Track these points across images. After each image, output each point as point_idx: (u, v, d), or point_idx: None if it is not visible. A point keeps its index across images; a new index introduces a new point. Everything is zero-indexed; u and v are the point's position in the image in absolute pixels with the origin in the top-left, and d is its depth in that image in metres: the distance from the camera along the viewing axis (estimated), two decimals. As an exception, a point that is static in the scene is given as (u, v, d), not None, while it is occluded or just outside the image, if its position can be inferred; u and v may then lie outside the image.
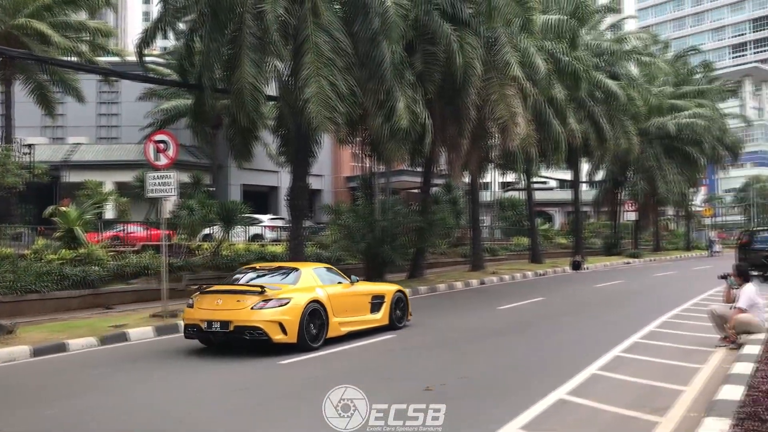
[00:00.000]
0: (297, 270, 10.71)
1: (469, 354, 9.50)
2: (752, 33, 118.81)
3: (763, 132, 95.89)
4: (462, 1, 19.09)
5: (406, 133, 16.63)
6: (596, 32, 33.65)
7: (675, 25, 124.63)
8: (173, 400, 7.10)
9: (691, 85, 46.11)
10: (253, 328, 9.34)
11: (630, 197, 43.74)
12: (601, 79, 29.18)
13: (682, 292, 17.89)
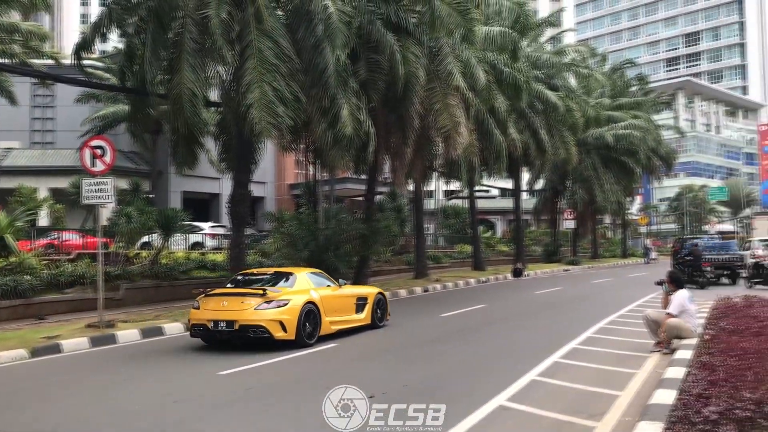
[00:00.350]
0: (293, 274, 11.77)
1: (411, 361, 9.52)
2: (685, 48, 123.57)
3: (695, 143, 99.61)
4: (405, 10, 19.25)
5: (350, 140, 16.61)
6: (536, 45, 34.40)
7: (612, 38, 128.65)
8: (104, 411, 6.88)
9: (628, 97, 47.61)
10: (257, 327, 10.31)
11: (569, 206, 44.78)
12: (541, 90, 29.85)
13: (619, 299, 18.36)
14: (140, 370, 9.36)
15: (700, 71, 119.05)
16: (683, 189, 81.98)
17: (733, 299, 11.94)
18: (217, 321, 10.51)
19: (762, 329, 8.62)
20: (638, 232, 65.66)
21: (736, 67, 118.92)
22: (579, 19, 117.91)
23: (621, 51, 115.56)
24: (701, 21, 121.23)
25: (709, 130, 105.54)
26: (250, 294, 10.81)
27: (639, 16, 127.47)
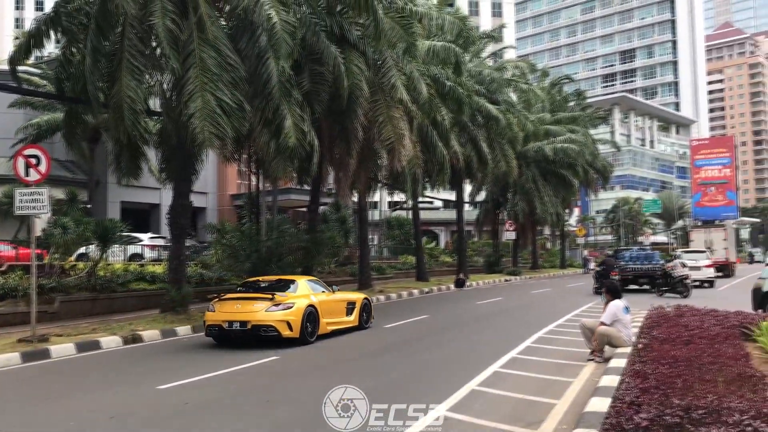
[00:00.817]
0: (295, 281, 13.55)
1: (351, 374, 9.52)
2: (620, 65, 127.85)
3: (630, 157, 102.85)
4: (349, 23, 19.35)
5: (294, 151, 16.54)
6: (478, 60, 35.04)
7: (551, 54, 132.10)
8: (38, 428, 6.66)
9: (566, 112, 48.93)
10: (267, 326, 11.95)
11: (510, 217, 45.59)
12: (482, 104, 30.40)
13: (557, 309, 18.78)
14: (74, 386, 9.09)
15: (636, 87, 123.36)
16: (619, 201, 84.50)
17: (666, 309, 12.34)
18: (232, 322, 12.07)
19: (692, 338, 8.95)
20: (576, 244, 67.35)
21: (669, 84, 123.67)
22: (519, 35, 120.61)
23: (560, 67, 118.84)
24: (636, 39, 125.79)
25: (643, 145, 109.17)
26: (260, 298, 12.46)
27: (577, 33, 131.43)
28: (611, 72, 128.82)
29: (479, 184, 41.81)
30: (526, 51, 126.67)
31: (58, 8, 16.29)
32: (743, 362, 7.23)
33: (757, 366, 7.29)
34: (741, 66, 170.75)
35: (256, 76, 16.03)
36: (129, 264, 22.21)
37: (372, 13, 16.92)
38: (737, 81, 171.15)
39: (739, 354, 7.76)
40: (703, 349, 8.03)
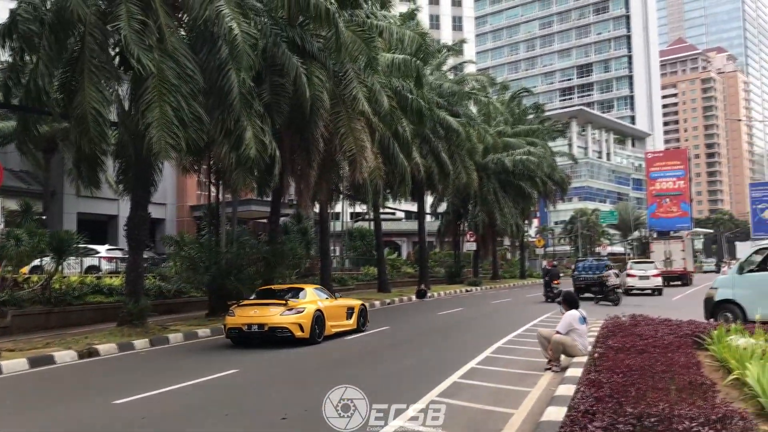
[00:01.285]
0: (303, 289, 15.42)
1: (312, 387, 9.48)
2: (578, 78, 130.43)
3: (588, 169, 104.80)
4: (311, 35, 19.40)
5: (254, 162, 16.48)
6: (439, 73, 35.38)
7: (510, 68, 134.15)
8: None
9: (525, 125, 49.69)
10: (282, 328, 13.74)
11: (471, 228, 45.95)
12: (443, 116, 30.69)
13: (517, 318, 19.00)
14: (25, 402, 8.86)
15: (593, 101, 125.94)
16: (577, 212, 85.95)
17: (621, 318, 12.59)
18: (251, 324, 13.85)
19: (645, 347, 9.15)
20: (535, 254, 68.20)
21: (625, 98, 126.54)
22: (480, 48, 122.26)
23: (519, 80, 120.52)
24: (593, 54, 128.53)
25: (600, 157, 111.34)
26: (274, 304, 14.29)
27: (536, 48, 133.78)
28: (569, 86, 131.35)
29: (440, 195, 42.08)
30: (486, 64, 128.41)
31: (15, 16, 15.96)
32: (695, 370, 7.42)
33: (708, 374, 7.49)
34: (694, 81, 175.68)
35: (216, 87, 15.95)
36: (85, 276, 21.80)
37: (333, 25, 17.00)
38: (690, 95, 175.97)
39: (691, 362, 7.96)
40: (656, 357, 8.21)
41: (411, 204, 42.94)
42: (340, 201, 37.72)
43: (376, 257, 35.86)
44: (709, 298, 15.37)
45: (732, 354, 7.87)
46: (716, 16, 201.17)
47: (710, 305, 15.26)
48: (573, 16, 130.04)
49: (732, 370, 7.42)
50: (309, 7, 16.59)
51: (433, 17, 78.45)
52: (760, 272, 14.89)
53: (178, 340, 15.46)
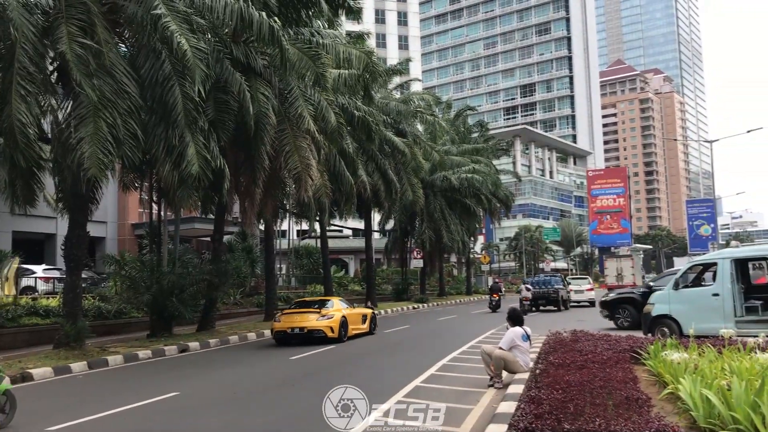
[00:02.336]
0: (330, 300, 20.45)
1: (258, 407, 9.34)
2: (521, 98, 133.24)
3: (531, 187, 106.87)
4: (255, 52, 19.30)
5: (198, 179, 16.25)
6: (385, 91, 35.63)
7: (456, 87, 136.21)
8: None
9: (470, 143, 50.38)
10: (318, 330, 18.00)
11: (418, 245, 46.20)
12: (389, 136, 30.88)
13: (462, 335, 19.13)
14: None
15: (536, 120, 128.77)
16: (521, 229, 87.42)
17: (562, 334, 12.81)
18: (293, 328, 18.11)
19: (585, 363, 9.32)
20: (481, 270, 69.01)
21: (566, 117, 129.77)
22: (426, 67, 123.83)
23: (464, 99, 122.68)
24: (536, 74, 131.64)
25: (543, 175, 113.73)
26: (311, 312, 18.70)
27: (480, 67, 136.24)
28: (513, 105, 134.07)
29: (388, 212, 42.19)
30: (432, 83, 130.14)
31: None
32: (631, 385, 7.59)
33: (644, 388, 7.68)
34: (632, 101, 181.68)
35: (160, 102, 15.71)
36: (21, 297, 21.03)
37: (277, 43, 16.95)
38: (629, 115, 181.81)
39: (628, 377, 8.14)
40: (595, 373, 8.37)
41: (358, 221, 42.98)
42: (286, 218, 37.45)
43: (322, 275, 35.66)
44: (647, 313, 15.80)
45: (667, 369, 8.08)
46: (653, 39, 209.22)
47: (648, 320, 15.68)
48: (516, 37, 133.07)
49: (667, 384, 7.61)
50: (252, 25, 16.51)
51: (380, 36, 79.18)
52: (695, 288, 15.40)
53: (118, 362, 15.03)
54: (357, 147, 27.04)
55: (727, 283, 14.31)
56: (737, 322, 13.89)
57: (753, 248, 16.89)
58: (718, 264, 14.77)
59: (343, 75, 23.99)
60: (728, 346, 9.43)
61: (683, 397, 6.35)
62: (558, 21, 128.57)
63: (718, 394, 5.83)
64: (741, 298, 14.48)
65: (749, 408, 5.34)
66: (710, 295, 14.59)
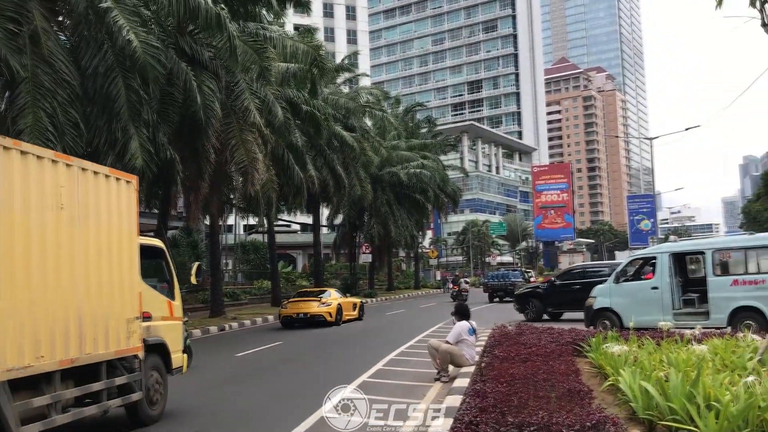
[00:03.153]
0: (327, 290, 24.58)
1: (195, 407, 9.19)
2: (469, 94, 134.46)
3: (478, 182, 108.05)
4: (201, 44, 18.97)
5: (142, 173, 15.90)
6: (334, 86, 35.48)
7: (405, 82, 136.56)
8: None
9: (419, 139, 50.64)
10: (319, 315, 21.72)
11: (366, 240, 46.21)
12: (338, 130, 30.76)
13: (411, 329, 19.22)
14: None
15: (483, 116, 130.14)
16: (468, 224, 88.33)
17: (507, 327, 12.98)
18: (298, 313, 21.94)
19: (529, 356, 9.47)
20: (429, 265, 69.51)
21: (512, 114, 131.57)
22: (374, 62, 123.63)
23: (413, 94, 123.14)
24: (483, 71, 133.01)
25: (490, 171, 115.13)
26: (312, 300, 22.69)
27: (429, 63, 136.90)
28: (461, 101, 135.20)
29: (336, 207, 42.06)
30: (380, 78, 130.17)
31: None
32: (574, 378, 7.73)
33: (586, 380, 7.84)
34: (576, 98, 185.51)
35: (103, 93, 15.29)
36: None
37: (225, 31, 16.68)
38: (573, 112, 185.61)
39: (570, 370, 8.29)
40: (538, 366, 8.50)
41: (306, 216, 42.72)
42: (233, 213, 36.95)
43: (269, 270, 35.34)
44: (589, 306, 16.16)
45: (608, 361, 8.26)
46: (596, 38, 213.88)
47: (590, 313, 16.04)
48: (464, 34, 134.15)
49: (608, 376, 7.79)
50: (199, 13, 16.21)
51: (328, 30, 78.78)
52: (634, 281, 15.82)
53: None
54: (306, 141, 26.84)
55: (665, 277, 14.75)
56: (675, 314, 14.34)
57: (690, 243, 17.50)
58: (657, 258, 15.20)
59: (291, 69, 23.81)
60: (666, 338, 9.73)
61: (623, 388, 6.50)
62: (504, 18, 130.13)
63: (656, 385, 5.98)
64: (679, 291, 14.96)
65: (685, 399, 5.50)
66: (649, 289, 15.01)
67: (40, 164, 6.13)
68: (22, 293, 5.74)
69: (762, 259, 14.13)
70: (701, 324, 11.87)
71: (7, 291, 5.53)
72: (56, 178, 6.32)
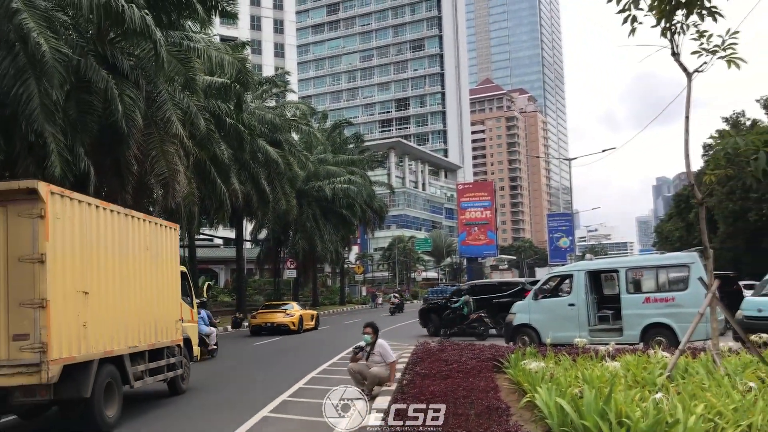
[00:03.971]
0: (290, 303, 29.02)
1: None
2: (396, 112, 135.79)
3: (405, 198, 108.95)
4: (123, 53, 18.43)
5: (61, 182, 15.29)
6: (260, 101, 35.15)
7: (333, 97, 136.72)
8: None
9: (346, 154, 50.69)
10: (284, 325, 25.55)
11: (291, 255, 45.80)
12: (262, 145, 30.45)
13: (334, 346, 19.09)
14: None
15: (410, 134, 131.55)
16: (394, 240, 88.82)
17: (430, 344, 13.06)
18: (266, 323, 25.79)
19: (450, 373, 9.53)
20: (355, 280, 69.43)
21: (439, 132, 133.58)
22: (302, 76, 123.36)
23: (341, 110, 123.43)
24: (410, 89, 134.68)
25: (416, 187, 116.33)
26: (278, 312, 26.52)
27: (357, 79, 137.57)
28: (388, 118, 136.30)
29: (260, 221, 41.53)
30: (308, 92, 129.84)
31: None
32: (493, 395, 7.82)
33: (505, 397, 7.94)
34: (500, 119, 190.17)
35: (15, 97, 14.64)
36: None
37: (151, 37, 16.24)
38: (496, 132, 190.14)
39: (490, 386, 8.39)
40: (458, 383, 8.56)
41: (230, 230, 41.95)
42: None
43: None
44: (509, 322, 16.48)
45: (525, 377, 8.40)
46: (519, 60, 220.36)
47: (510, 329, 16.36)
48: (392, 52, 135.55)
49: (526, 392, 7.91)
50: (123, 17, 15.70)
51: (255, 42, 78.02)
52: (552, 298, 16.25)
53: None
54: (231, 154, 26.42)
55: (581, 294, 15.22)
56: (591, 330, 14.80)
57: (605, 261, 18.13)
58: (573, 276, 15.67)
59: (217, 82, 23.43)
60: (582, 354, 9.99)
61: (540, 405, 6.61)
62: (431, 39, 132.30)
63: (570, 402, 6.12)
64: (594, 308, 15.46)
65: (598, 415, 5.64)
66: (566, 305, 15.45)
67: (138, 223, 10.01)
68: (134, 304, 9.66)
69: (672, 278, 14.77)
70: (615, 340, 12.25)
71: (129, 303, 9.47)
72: (144, 230, 10.19)
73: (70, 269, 7.92)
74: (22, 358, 7.28)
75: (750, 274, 32.03)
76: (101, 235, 8.75)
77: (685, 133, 7.63)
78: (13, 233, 7.44)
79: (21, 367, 7.29)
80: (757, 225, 38.08)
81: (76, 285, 8.05)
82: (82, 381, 7.95)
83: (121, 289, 9.22)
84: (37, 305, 7.31)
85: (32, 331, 7.28)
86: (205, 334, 17.73)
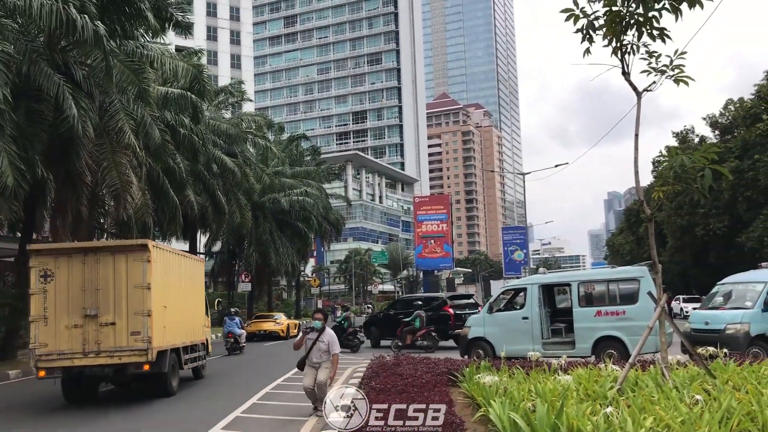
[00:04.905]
0: (278, 314, 34.74)
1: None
2: (353, 124, 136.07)
3: (362, 211, 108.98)
4: (75, 62, 18.08)
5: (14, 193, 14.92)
6: (216, 111, 34.79)
7: (290, 109, 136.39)
8: None
9: (302, 167, 50.46)
10: (275, 332, 31.26)
11: (245, 268, 45.29)
12: (218, 155, 30.11)
13: (288, 361, 18.85)
14: None
15: (367, 146, 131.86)
16: (351, 252, 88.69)
17: (386, 358, 13.02)
18: (259, 330, 31.19)
19: (405, 387, 9.52)
20: (311, 293, 69.00)
21: (396, 145, 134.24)
22: (259, 87, 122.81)
23: (298, 122, 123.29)
24: (367, 102, 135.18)
25: (373, 200, 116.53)
26: (269, 321, 32.37)
27: (314, 92, 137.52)
28: (345, 131, 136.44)
29: (215, 234, 41.01)
30: (265, 104, 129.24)
31: None
32: (447, 409, 7.84)
33: (459, 411, 7.97)
34: (456, 133, 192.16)
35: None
36: None
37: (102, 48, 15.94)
38: (453, 146, 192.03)
39: (445, 401, 8.40)
40: (413, 398, 8.55)
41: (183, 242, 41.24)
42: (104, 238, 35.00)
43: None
44: (464, 336, 16.56)
45: (480, 391, 8.44)
46: (475, 75, 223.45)
47: (464, 342, 16.44)
48: (349, 65, 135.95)
49: (480, 406, 7.95)
50: (75, 28, 15.38)
51: (211, 53, 77.33)
52: (506, 311, 16.39)
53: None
54: (187, 165, 26.05)
55: (535, 307, 15.40)
56: (544, 343, 14.98)
57: (558, 275, 18.31)
58: (527, 289, 15.85)
59: (174, 93, 23.13)
60: (535, 367, 10.09)
61: (493, 419, 6.64)
62: (388, 52, 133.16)
63: (523, 416, 6.18)
64: (548, 321, 15.64)
65: (550, 430, 5.71)
66: (520, 319, 15.60)
67: (185, 259, 14.80)
68: (185, 314, 14.04)
69: (623, 292, 15.04)
70: (568, 353, 12.43)
71: (183, 313, 13.81)
72: (187, 264, 14.86)
73: (159, 292, 12.04)
74: (136, 346, 11.48)
75: (697, 288, 32.85)
76: (171, 269, 13.19)
77: (634, 150, 7.81)
78: (131, 270, 11.66)
79: (136, 351, 11.47)
80: (704, 239, 39.19)
81: (161, 302, 12.16)
82: (163, 361, 12.15)
83: (179, 304, 13.61)
84: (145, 314, 11.53)
85: (142, 329, 11.49)
86: (238, 335, 23.23)
